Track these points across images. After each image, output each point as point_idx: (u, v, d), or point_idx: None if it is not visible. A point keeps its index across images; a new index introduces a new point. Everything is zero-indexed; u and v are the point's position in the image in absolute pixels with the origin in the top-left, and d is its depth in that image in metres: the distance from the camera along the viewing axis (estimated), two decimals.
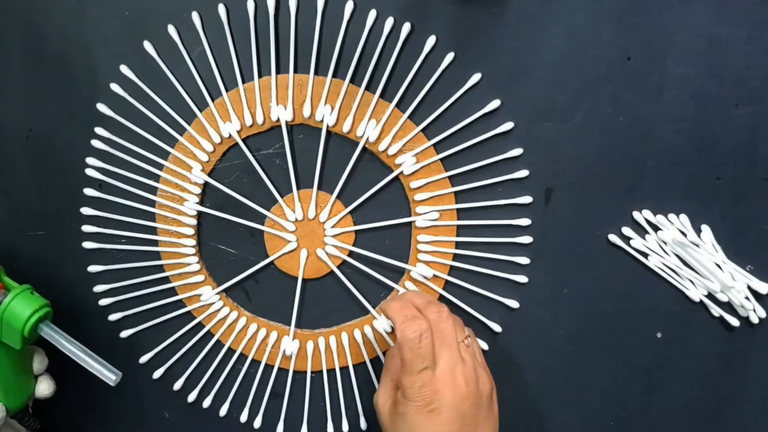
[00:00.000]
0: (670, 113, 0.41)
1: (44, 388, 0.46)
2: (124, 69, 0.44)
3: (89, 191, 0.47)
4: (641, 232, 0.44)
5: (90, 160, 0.47)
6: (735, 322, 0.44)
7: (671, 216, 0.43)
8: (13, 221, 0.50)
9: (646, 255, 0.44)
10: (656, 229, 0.44)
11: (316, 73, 0.43)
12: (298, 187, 0.45)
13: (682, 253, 0.43)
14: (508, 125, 0.42)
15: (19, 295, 0.40)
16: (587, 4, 0.40)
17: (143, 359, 0.50)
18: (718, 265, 0.43)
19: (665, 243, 0.43)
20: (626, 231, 0.44)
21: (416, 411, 0.38)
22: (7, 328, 0.40)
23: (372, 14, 0.41)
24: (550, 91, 0.42)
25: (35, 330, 0.40)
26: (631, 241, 0.44)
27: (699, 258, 0.43)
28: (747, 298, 0.43)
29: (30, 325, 0.40)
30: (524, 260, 0.45)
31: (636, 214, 0.43)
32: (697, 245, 0.43)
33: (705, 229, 0.43)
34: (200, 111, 0.45)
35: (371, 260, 0.46)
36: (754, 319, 0.44)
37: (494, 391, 0.41)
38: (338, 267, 0.47)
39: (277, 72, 0.43)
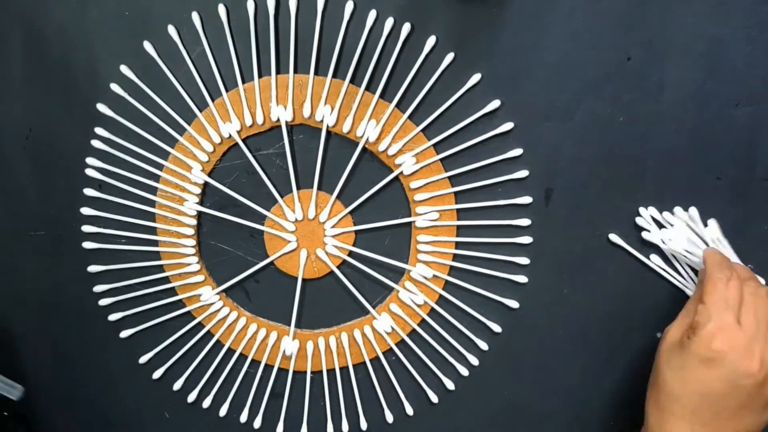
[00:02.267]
0: (670, 113, 0.41)
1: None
2: (124, 69, 0.44)
3: (89, 191, 0.47)
4: (641, 231, 0.44)
5: (90, 160, 0.47)
6: None
7: (678, 209, 0.43)
8: (13, 221, 0.50)
9: (647, 255, 0.44)
10: (660, 226, 0.44)
11: (316, 73, 0.43)
12: (298, 188, 0.45)
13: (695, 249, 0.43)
14: (507, 125, 0.42)
15: None
16: (587, 4, 0.40)
17: (143, 359, 0.51)
18: None
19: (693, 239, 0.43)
20: (627, 230, 0.44)
21: (697, 353, 0.37)
22: None
23: (372, 14, 0.41)
24: (550, 91, 0.42)
25: None
26: (644, 233, 0.43)
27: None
28: None
29: None
30: (524, 260, 0.45)
31: (642, 210, 0.43)
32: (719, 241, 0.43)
33: (711, 223, 0.43)
34: (200, 111, 0.45)
35: (371, 260, 0.46)
36: None
37: None
38: (338, 267, 0.47)
39: (277, 72, 0.43)
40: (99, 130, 0.46)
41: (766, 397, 0.37)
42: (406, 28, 0.41)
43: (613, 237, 0.44)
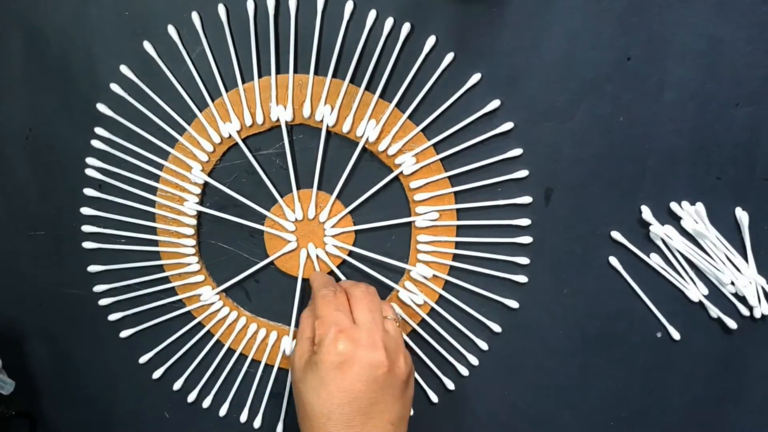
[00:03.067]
0: (670, 113, 0.41)
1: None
2: (124, 69, 0.44)
3: (89, 191, 0.47)
4: (641, 231, 0.44)
5: (90, 160, 0.47)
6: (733, 324, 0.44)
7: (685, 204, 0.43)
8: (13, 221, 0.50)
9: (647, 254, 0.44)
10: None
11: (315, 73, 0.43)
12: (298, 187, 0.45)
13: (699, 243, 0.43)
14: (507, 125, 0.42)
15: None
16: (587, 4, 0.40)
17: (143, 359, 0.51)
18: (729, 259, 0.43)
19: (678, 233, 0.43)
20: (627, 229, 0.44)
21: (328, 361, 0.37)
22: None
23: (372, 14, 0.41)
24: (550, 91, 0.42)
25: None
26: (650, 227, 0.43)
27: (714, 249, 0.43)
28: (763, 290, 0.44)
29: None
30: (524, 260, 0.45)
31: (644, 208, 0.43)
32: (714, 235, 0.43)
33: (698, 206, 0.43)
34: (200, 111, 0.45)
35: (371, 260, 0.46)
36: (757, 314, 0.44)
37: (411, 379, 0.40)
38: (338, 267, 0.47)
39: (277, 72, 0.43)
40: (99, 130, 0.46)
41: (400, 380, 0.38)
42: (406, 27, 0.41)
43: (615, 234, 0.44)
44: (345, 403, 0.37)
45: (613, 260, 0.44)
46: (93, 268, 0.49)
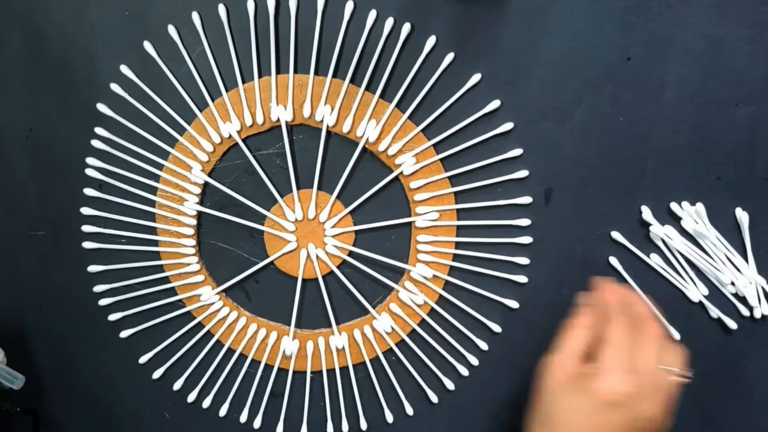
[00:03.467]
0: (670, 113, 0.41)
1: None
2: (124, 69, 0.44)
3: (89, 191, 0.47)
4: (641, 232, 0.44)
5: (90, 160, 0.47)
6: (733, 324, 0.44)
7: (685, 204, 0.43)
8: (13, 221, 0.50)
9: (647, 254, 0.44)
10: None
11: (316, 73, 0.43)
12: (298, 188, 0.45)
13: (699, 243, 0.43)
14: (507, 125, 0.42)
15: None
16: (587, 4, 0.40)
17: (143, 359, 0.51)
18: (729, 259, 0.43)
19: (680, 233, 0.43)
20: (627, 229, 0.44)
21: (605, 396, 0.36)
22: None
23: (372, 14, 0.41)
24: (550, 91, 0.42)
25: None
26: (650, 227, 0.43)
27: (714, 249, 0.43)
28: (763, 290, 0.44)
29: None
30: (524, 260, 0.45)
31: (644, 208, 0.43)
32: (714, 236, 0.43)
33: (698, 206, 0.43)
34: (200, 111, 0.45)
35: (371, 260, 0.46)
36: (757, 314, 0.44)
37: None
38: (338, 267, 0.47)
39: (277, 72, 0.43)
40: (99, 130, 0.46)
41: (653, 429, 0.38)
42: (406, 28, 0.41)
43: (615, 234, 0.44)
44: (595, 430, 0.36)
45: (613, 260, 0.44)
46: (93, 268, 0.49)
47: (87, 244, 0.49)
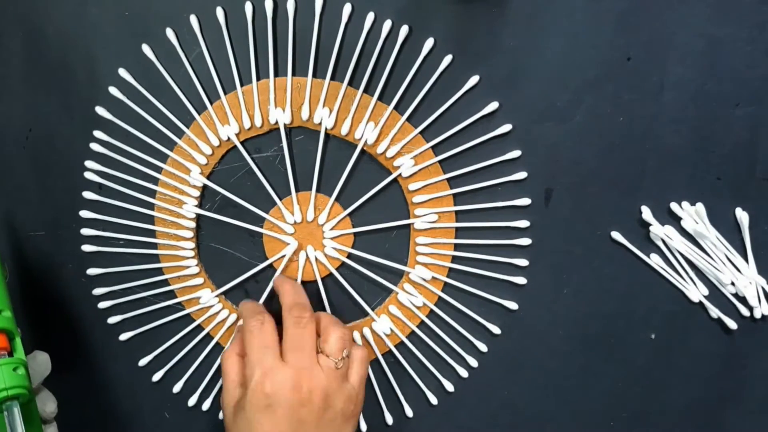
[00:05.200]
0: (670, 113, 0.41)
1: None
2: (122, 72, 0.44)
3: (88, 194, 0.47)
4: (641, 232, 0.44)
5: (89, 163, 0.47)
6: (733, 324, 0.44)
7: (685, 204, 0.43)
8: (13, 221, 0.50)
9: (647, 254, 0.44)
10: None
11: (314, 75, 0.42)
12: (297, 190, 0.45)
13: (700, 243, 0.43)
14: (506, 127, 0.42)
15: (2, 366, 0.37)
16: (587, 4, 0.40)
17: (142, 362, 0.51)
18: (729, 259, 0.43)
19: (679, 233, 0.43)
20: (627, 229, 0.44)
21: (255, 405, 0.38)
22: None
23: (370, 17, 0.41)
24: (550, 92, 0.42)
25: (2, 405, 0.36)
26: (650, 227, 0.43)
27: (714, 249, 0.43)
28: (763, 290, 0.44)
29: None
30: (523, 262, 0.45)
31: (644, 208, 0.43)
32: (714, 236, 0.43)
33: (698, 206, 0.43)
34: (198, 114, 0.44)
35: (370, 262, 0.46)
36: (757, 314, 0.44)
37: (350, 418, 0.40)
38: (337, 269, 0.47)
39: (276, 75, 0.43)
40: (98, 133, 0.46)
41: (335, 419, 0.39)
42: (404, 30, 0.41)
43: (615, 234, 0.44)
44: None
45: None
46: (92, 271, 0.49)
47: (86, 247, 0.48)
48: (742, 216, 0.42)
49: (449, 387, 0.48)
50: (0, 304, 0.40)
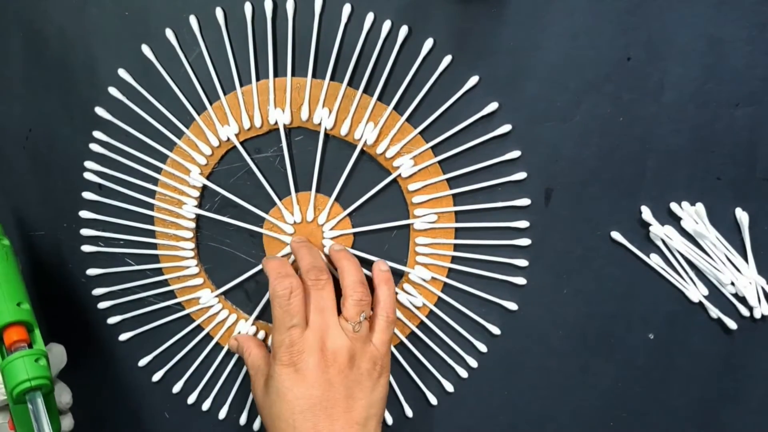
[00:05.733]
0: (670, 113, 0.41)
1: (66, 424, 0.44)
2: (122, 72, 0.44)
3: (88, 194, 0.47)
4: (641, 232, 0.44)
5: (89, 164, 0.47)
6: (733, 324, 0.44)
7: (685, 204, 0.43)
8: (13, 221, 0.50)
9: (647, 254, 0.44)
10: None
11: (313, 76, 0.42)
12: (297, 190, 0.45)
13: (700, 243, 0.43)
14: (506, 127, 0.42)
15: (24, 357, 0.37)
16: (587, 4, 0.40)
17: (142, 362, 0.51)
18: (729, 259, 0.43)
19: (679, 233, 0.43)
20: (627, 230, 0.44)
21: (283, 371, 0.38)
22: (6, 380, 0.37)
23: (369, 17, 0.41)
24: (550, 92, 0.42)
25: (25, 396, 0.37)
26: (650, 227, 0.43)
27: (714, 249, 0.43)
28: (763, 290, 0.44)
29: (18, 391, 0.36)
30: (523, 262, 0.45)
31: (644, 209, 0.43)
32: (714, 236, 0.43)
33: (698, 206, 0.43)
34: (198, 114, 0.44)
35: (370, 263, 0.46)
36: (757, 315, 0.44)
37: (380, 377, 0.41)
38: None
39: (275, 75, 0.43)
40: (97, 134, 0.46)
41: (363, 378, 0.39)
42: (404, 30, 0.41)
43: (615, 235, 0.44)
44: (306, 410, 0.38)
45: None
46: (91, 271, 0.49)
47: (86, 248, 0.48)
48: (742, 216, 0.42)
49: (449, 387, 0.48)
50: (19, 296, 0.40)
